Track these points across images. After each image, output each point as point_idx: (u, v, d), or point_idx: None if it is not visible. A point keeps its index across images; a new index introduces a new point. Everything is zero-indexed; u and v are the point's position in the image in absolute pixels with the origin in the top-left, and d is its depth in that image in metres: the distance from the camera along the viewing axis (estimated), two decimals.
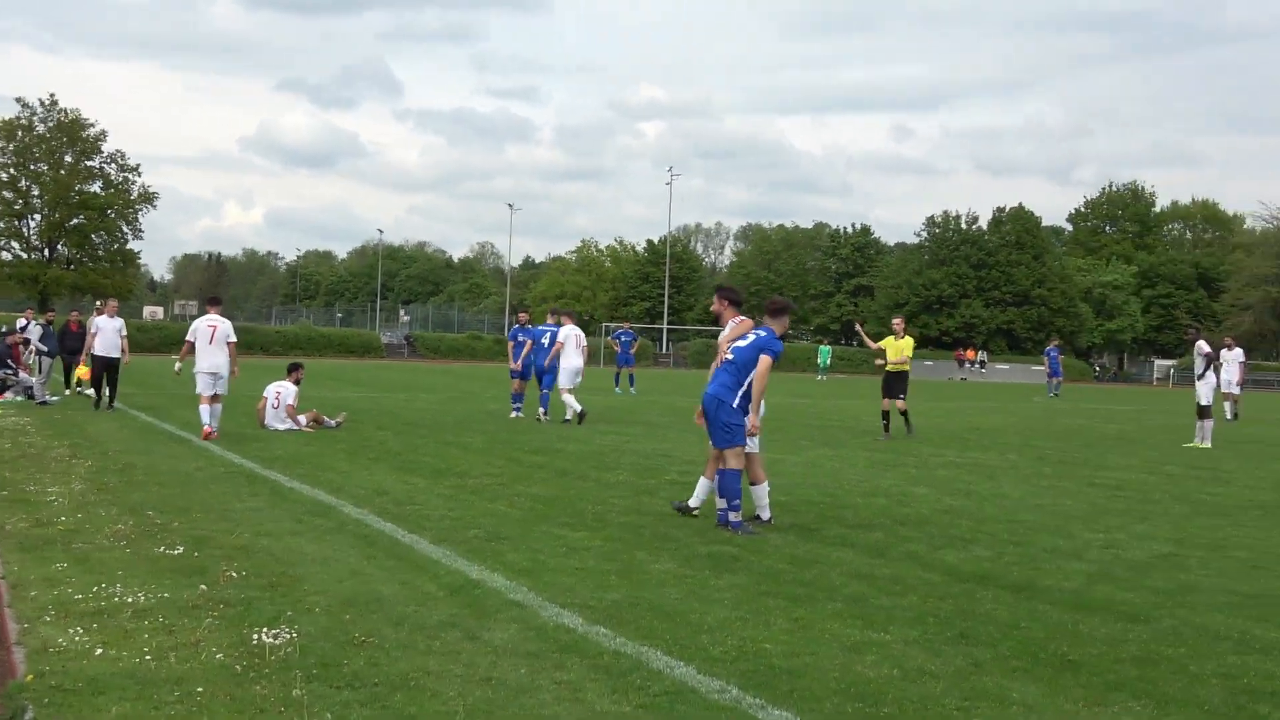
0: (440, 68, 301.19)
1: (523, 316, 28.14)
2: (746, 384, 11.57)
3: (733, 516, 11.37)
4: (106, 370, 24.64)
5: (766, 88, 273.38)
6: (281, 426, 20.61)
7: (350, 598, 8.10)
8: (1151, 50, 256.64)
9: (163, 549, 9.64)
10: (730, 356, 11.69)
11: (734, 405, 11.52)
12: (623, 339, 40.60)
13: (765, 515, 11.89)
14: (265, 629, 7.17)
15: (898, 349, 24.29)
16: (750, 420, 11.50)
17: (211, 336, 19.52)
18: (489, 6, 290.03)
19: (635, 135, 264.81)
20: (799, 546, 10.62)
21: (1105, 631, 7.91)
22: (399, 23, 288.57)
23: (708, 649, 7.06)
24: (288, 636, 7.05)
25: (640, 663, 6.75)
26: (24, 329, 28.25)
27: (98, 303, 27.79)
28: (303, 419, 20.87)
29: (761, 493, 11.93)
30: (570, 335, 24.84)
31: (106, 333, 24.68)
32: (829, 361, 76.15)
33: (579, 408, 24.42)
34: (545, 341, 24.98)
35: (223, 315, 20.02)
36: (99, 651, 6.72)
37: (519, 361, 25.82)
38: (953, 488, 15.48)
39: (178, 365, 20.53)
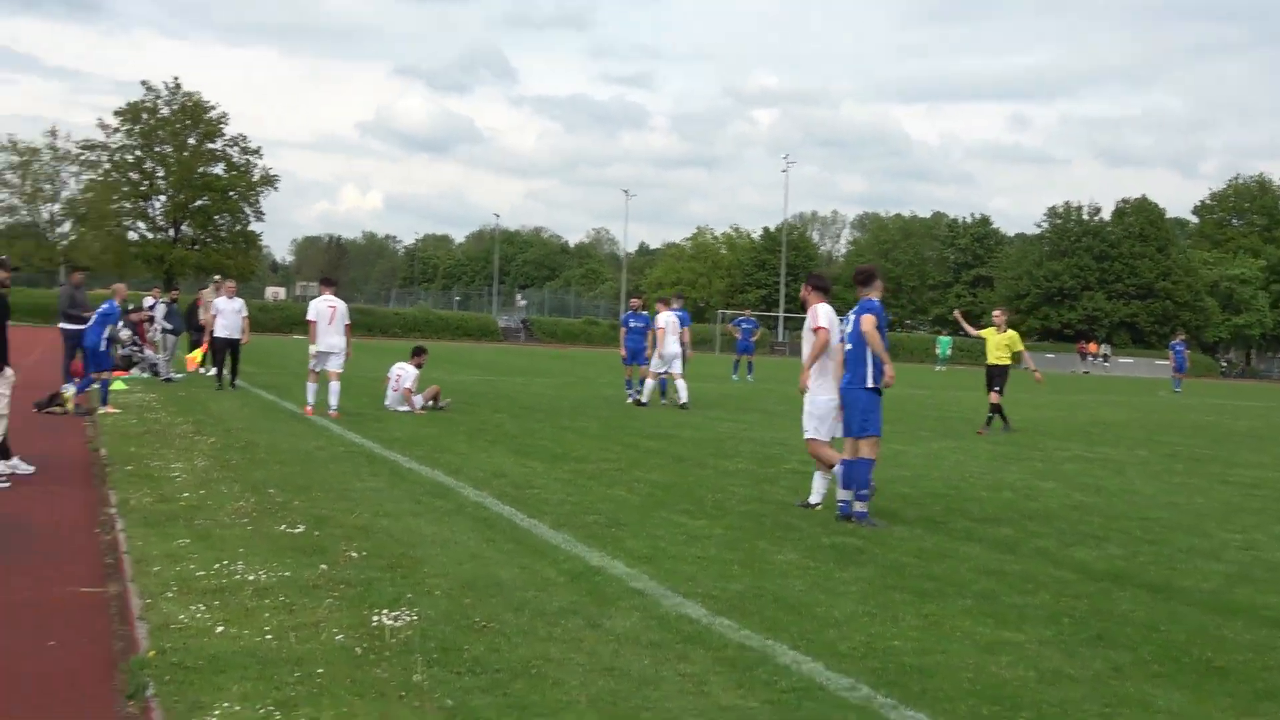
0: (556, 54, 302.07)
1: (635, 302, 28.01)
2: (871, 359, 11.29)
3: (859, 507, 11.13)
4: (228, 350, 24.85)
5: (883, 76, 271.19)
6: (399, 408, 20.66)
7: (470, 581, 8.02)
8: (1278, 39, 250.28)
9: (284, 527, 9.64)
10: (848, 346, 11.47)
11: (868, 387, 11.27)
12: (744, 326, 40.29)
13: (814, 500, 11.86)
14: (385, 611, 7.10)
15: (997, 342, 23.40)
16: (886, 372, 11.25)
17: (331, 317, 19.88)
18: None
19: (750, 122, 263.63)
20: (925, 540, 10.37)
21: (1250, 637, 7.60)
22: (515, 9, 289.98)
23: (835, 644, 6.87)
24: (408, 619, 6.97)
25: (766, 656, 6.57)
26: (150, 307, 28.64)
27: (215, 277, 28.00)
28: (418, 400, 20.88)
29: (823, 481, 11.88)
30: (670, 321, 24.99)
31: (226, 314, 24.96)
32: (948, 352, 75.15)
33: (648, 396, 25.06)
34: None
35: (338, 296, 20.43)
36: (220, 629, 6.68)
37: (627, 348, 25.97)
38: (1080, 483, 15.10)
39: (313, 348, 20.01)
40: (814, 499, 11.91)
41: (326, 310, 19.91)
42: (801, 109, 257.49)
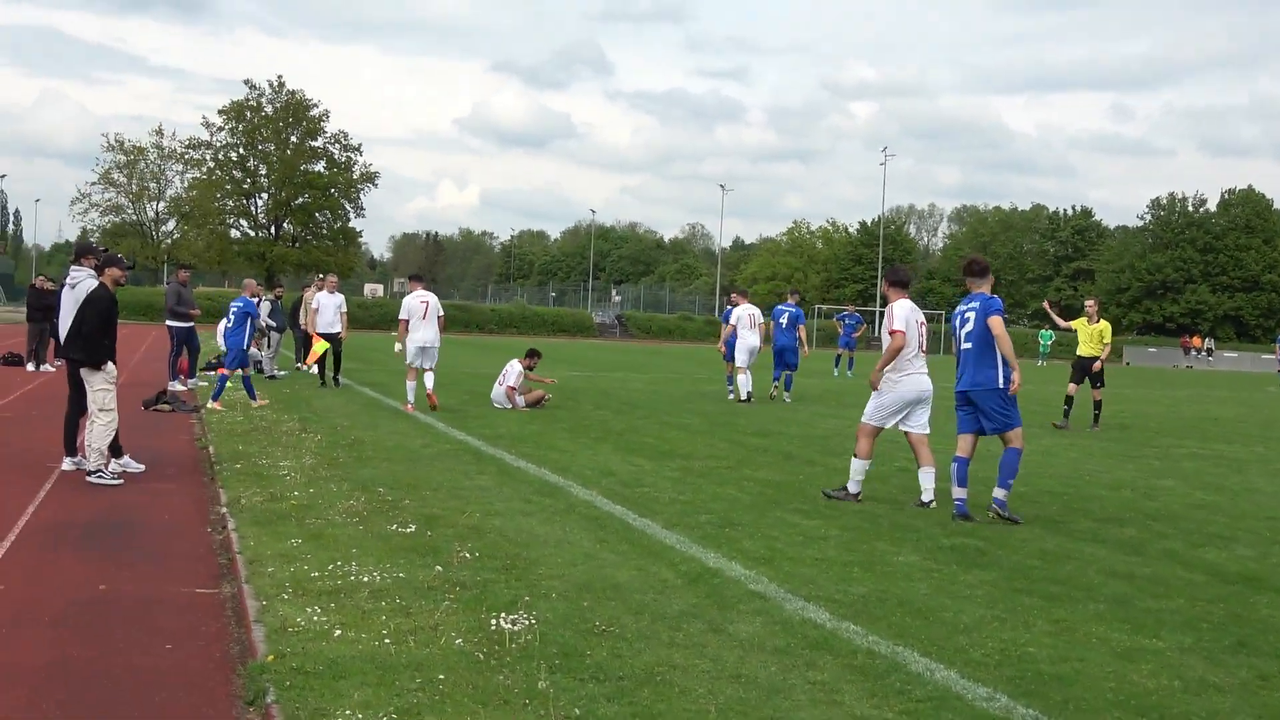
0: (652, 48, 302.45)
1: (736, 297, 27.78)
2: (998, 357, 11.17)
3: (1000, 494, 11.01)
4: (330, 346, 24.78)
5: (980, 66, 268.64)
6: (503, 405, 20.61)
7: (586, 583, 7.88)
8: None
9: (395, 527, 9.56)
10: (967, 345, 11.29)
11: (999, 386, 11.18)
12: (846, 322, 39.97)
13: (927, 498, 11.71)
14: (503, 614, 6.97)
15: (1089, 333, 22.56)
16: (1014, 379, 11.12)
17: (425, 312, 20.13)
18: None
19: (846, 115, 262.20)
20: (1047, 541, 10.09)
21: None
22: (611, 3, 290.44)
23: (967, 651, 6.64)
24: (527, 623, 6.83)
25: (897, 664, 6.36)
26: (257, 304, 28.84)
27: (320, 275, 28.07)
28: (520, 400, 20.79)
29: (928, 476, 11.75)
30: (743, 315, 24.81)
31: (327, 309, 25.06)
32: (1049, 347, 74.09)
33: (747, 390, 24.42)
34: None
35: (429, 290, 20.81)
36: (338, 633, 6.59)
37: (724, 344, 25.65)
38: (1201, 481, 14.69)
39: (399, 346, 20.52)
40: (926, 497, 11.74)
41: (420, 305, 20.18)
42: (898, 101, 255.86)
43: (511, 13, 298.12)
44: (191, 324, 24.08)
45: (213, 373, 26.92)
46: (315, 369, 25.52)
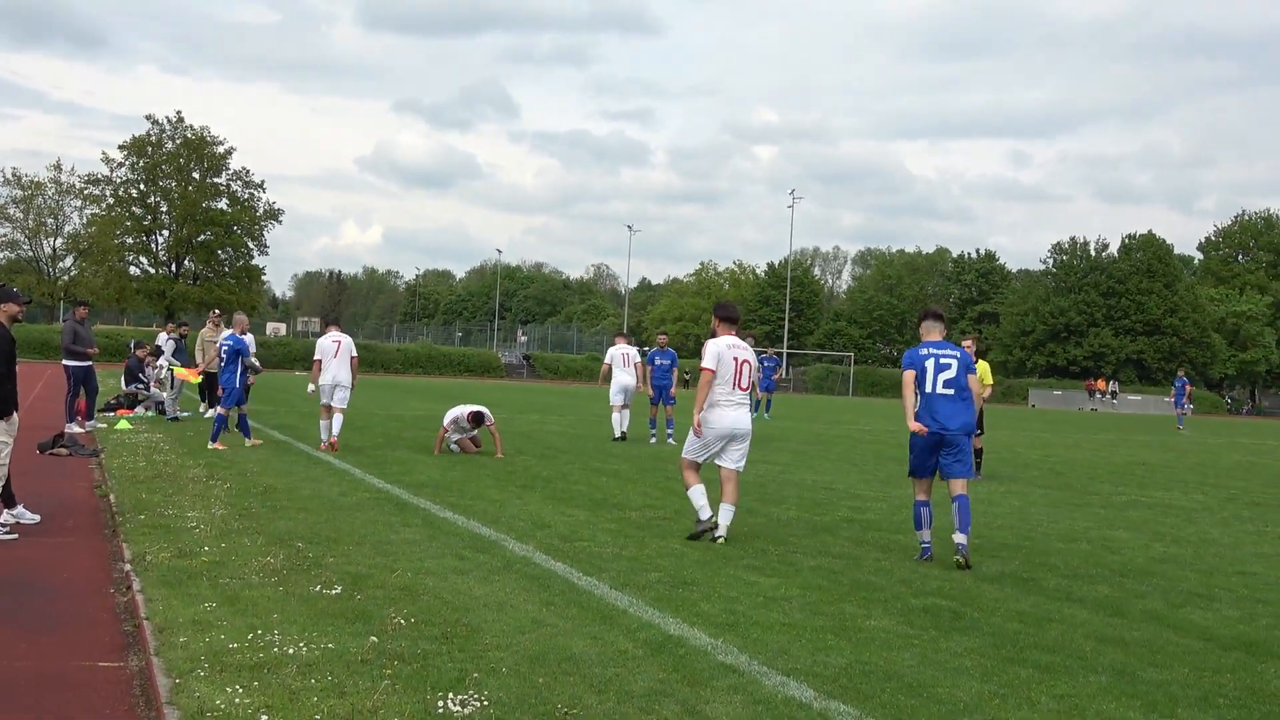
0: (556, 90, 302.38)
1: (662, 339, 27.17)
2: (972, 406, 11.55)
3: (962, 538, 11.08)
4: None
5: (883, 111, 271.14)
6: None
7: (538, 655, 7.09)
8: (1276, 76, 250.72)
9: (319, 588, 8.71)
10: (948, 391, 11.32)
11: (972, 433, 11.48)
12: (765, 364, 39.45)
13: (720, 534, 11.77)
14: (450, 694, 6.18)
15: None
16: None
17: (336, 351, 20.50)
18: (605, 29, 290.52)
19: (750, 158, 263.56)
20: (1021, 601, 9.43)
21: None
22: (516, 45, 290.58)
23: None
24: (478, 704, 6.05)
25: None
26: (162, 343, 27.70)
27: (215, 311, 26.84)
28: (454, 439, 20.15)
29: (728, 514, 11.89)
30: (617, 355, 25.70)
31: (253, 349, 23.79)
32: None
33: (621, 429, 25.38)
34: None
35: (342, 332, 21.03)
36: (264, 718, 5.76)
37: (650, 385, 25.24)
38: (1155, 532, 14.17)
39: (311, 387, 20.83)
40: (719, 532, 11.81)
41: (331, 345, 20.58)
42: (801, 145, 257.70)
43: (415, 53, 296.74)
44: (89, 363, 22.98)
45: (112, 414, 25.84)
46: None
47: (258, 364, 25.32)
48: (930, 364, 11.34)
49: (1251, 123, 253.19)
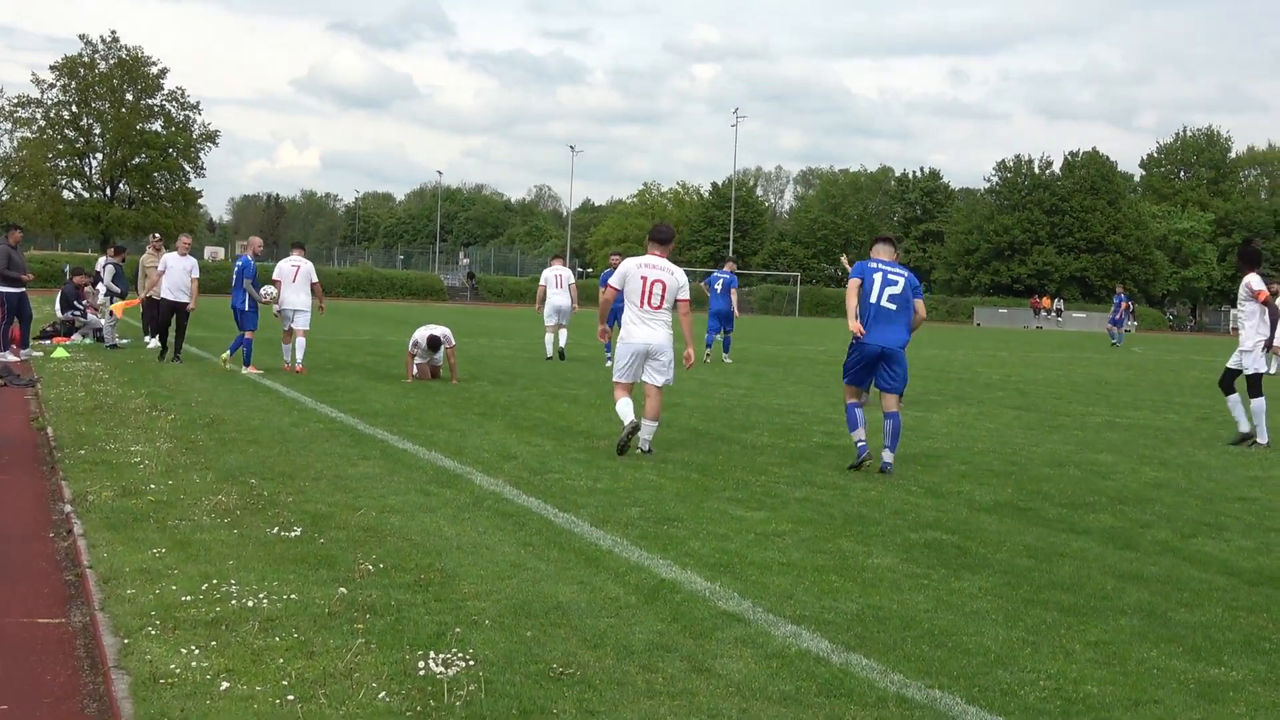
0: (494, 8, 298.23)
1: (616, 259, 26.44)
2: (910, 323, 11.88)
3: (890, 456, 11.56)
4: (175, 316, 21.98)
5: (824, 30, 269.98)
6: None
7: (522, 604, 6.48)
8: None
9: (277, 530, 8.05)
10: (891, 306, 11.54)
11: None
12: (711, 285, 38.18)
13: (645, 448, 12.13)
14: (431, 652, 5.55)
15: None
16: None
17: (295, 275, 20.47)
18: None
19: (689, 78, 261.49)
20: (1025, 534, 8.89)
21: None
22: None
23: (1018, 693, 5.36)
24: (463, 664, 5.43)
25: (942, 714, 5.09)
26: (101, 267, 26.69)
27: (154, 235, 25.69)
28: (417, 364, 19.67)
29: (649, 429, 12.21)
30: (550, 276, 25.95)
31: (175, 272, 22.04)
32: None
33: (554, 348, 25.78)
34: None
35: (305, 257, 21.03)
36: (225, 685, 5.13)
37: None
38: (1139, 455, 13.68)
39: (276, 308, 20.70)
40: (643, 446, 12.19)
41: (290, 269, 20.54)
42: (742, 64, 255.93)
43: None
44: (23, 289, 22.09)
45: (48, 342, 24.96)
46: (156, 340, 23.47)
47: (115, 288, 24.58)
48: (878, 277, 11.59)
49: (1191, 39, 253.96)
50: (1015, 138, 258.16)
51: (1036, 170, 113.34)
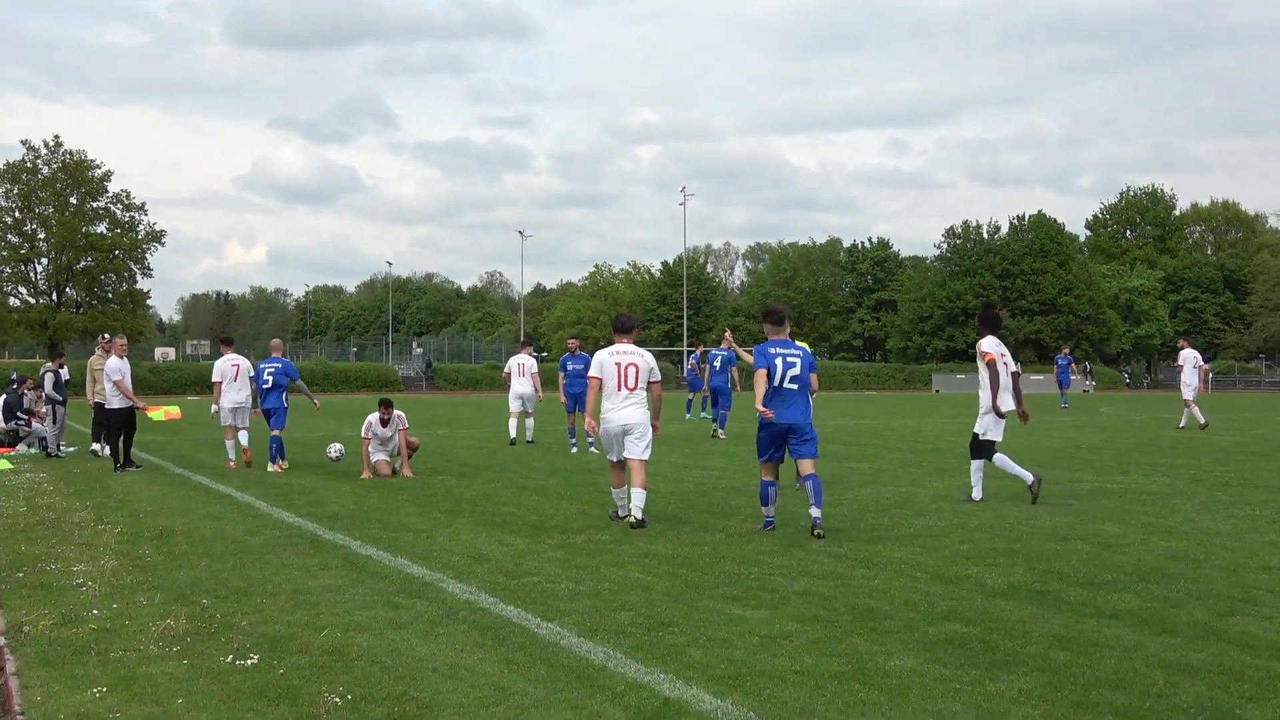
0: (434, 99, 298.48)
1: (572, 343, 25.81)
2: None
3: (818, 513, 12.28)
4: (126, 424, 20.77)
5: (762, 108, 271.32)
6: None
7: None
8: (1146, 57, 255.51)
9: (231, 658, 7.26)
10: (793, 386, 12.54)
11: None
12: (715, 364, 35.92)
13: (638, 515, 12.88)
14: None
15: None
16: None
17: (236, 374, 20.86)
18: (481, 36, 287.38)
19: (633, 159, 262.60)
20: (1050, 621, 8.15)
21: None
22: (390, 55, 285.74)
23: None
24: None
25: None
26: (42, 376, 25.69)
27: (104, 338, 24.68)
28: (381, 455, 19.10)
29: (639, 496, 12.99)
30: (514, 364, 26.68)
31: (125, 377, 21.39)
32: None
33: (513, 435, 26.16)
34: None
35: (237, 353, 21.42)
36: None
37: (564, 393, 24.75)
38: (1143, 523, 12.98)
39: (215, 408, 21.06)
40: (636, 514, 12.95)
41: (231, 369, 20.87)
42: (683, 144, 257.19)
43: (287, 68, 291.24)
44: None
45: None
46: (106, 451, 22.54)
47: (56, 396, 23.87)
48: (779, 363, 12.53)
49: (1124, 103, 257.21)
50: (958, 205, 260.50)
51: (985, 235, 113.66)
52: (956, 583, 9.52)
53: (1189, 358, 32.85)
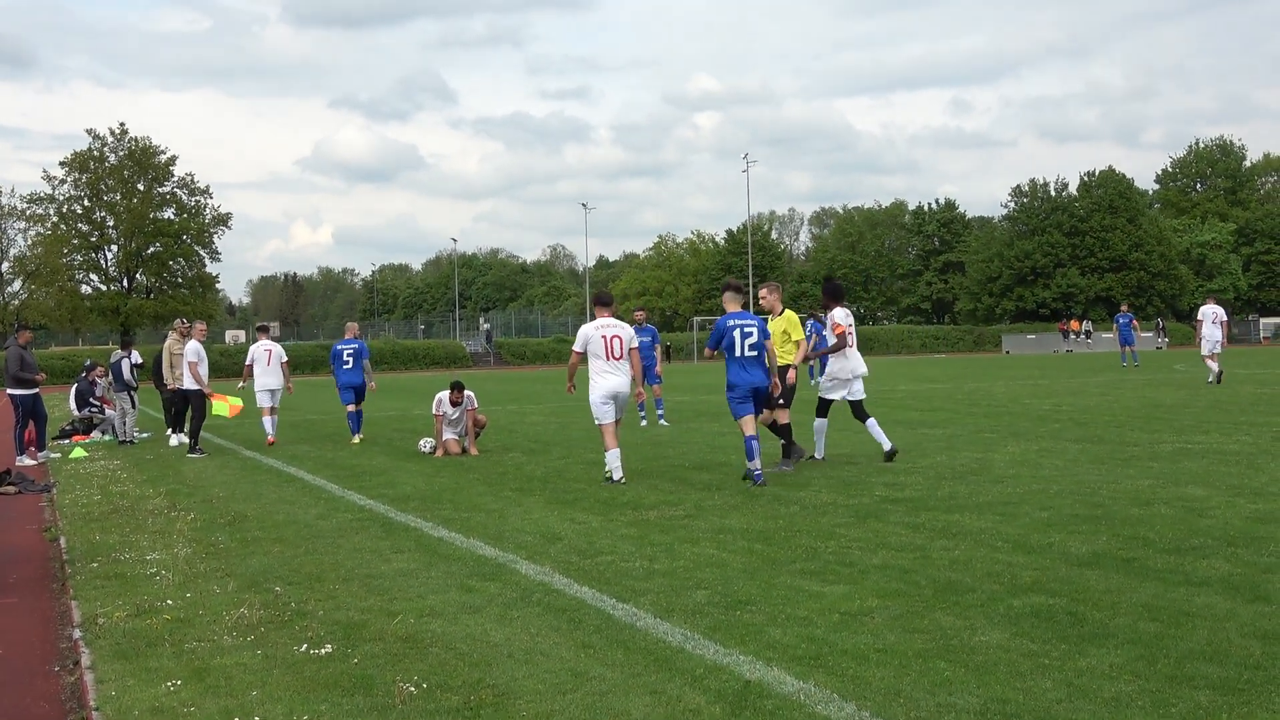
0: (493, 73, 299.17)
1: (640, 315, 25.61)
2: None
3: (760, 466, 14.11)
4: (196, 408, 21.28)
5: (823, 70, 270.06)
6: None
7: None
8: (1212, 3, 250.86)
9: (305, 647, 7.18)
10: (753, 354, 14.25)
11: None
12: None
13: (617, 476, 14.54)
14: None
15: (774, 331, 15.64)
16: (774, 381, 14.65)
17: (269, 359, 22.39)
18: (537, 8, 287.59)
19: (693, 128, 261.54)
20: (1138, 590, 7.91)
21: None
22: (448, 30, 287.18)
23: None
24: None
25: None
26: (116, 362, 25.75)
27: (177, 321, 24.84)
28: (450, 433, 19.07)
29: (614, 456, 14.69)
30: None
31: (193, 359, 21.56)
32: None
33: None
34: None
35: (275, 340, 23.22)
36: None
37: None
38: (1227, 485, 12.64)
39: (240, 384, 23.56)
40: (615, 474, 14.60)
41: (264, 354, 22.44)
42: (744, 110, 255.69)
43: (345, 47, 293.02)
44: (36, 390, 21.35)
45: (66, 441, 24.23)
46: (183, 437, 22.73)
47: (131, 383, 24.06)
48: (738, 334, 14.21)
49: (1190, 52, 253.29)
50: (1023, 163, 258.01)
51: (1053, 193, 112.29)
52: (1039, 552, 9.30)
53: (1208, 313, 33.10)
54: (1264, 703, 5.60)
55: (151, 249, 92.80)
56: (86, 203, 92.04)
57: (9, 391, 21.42)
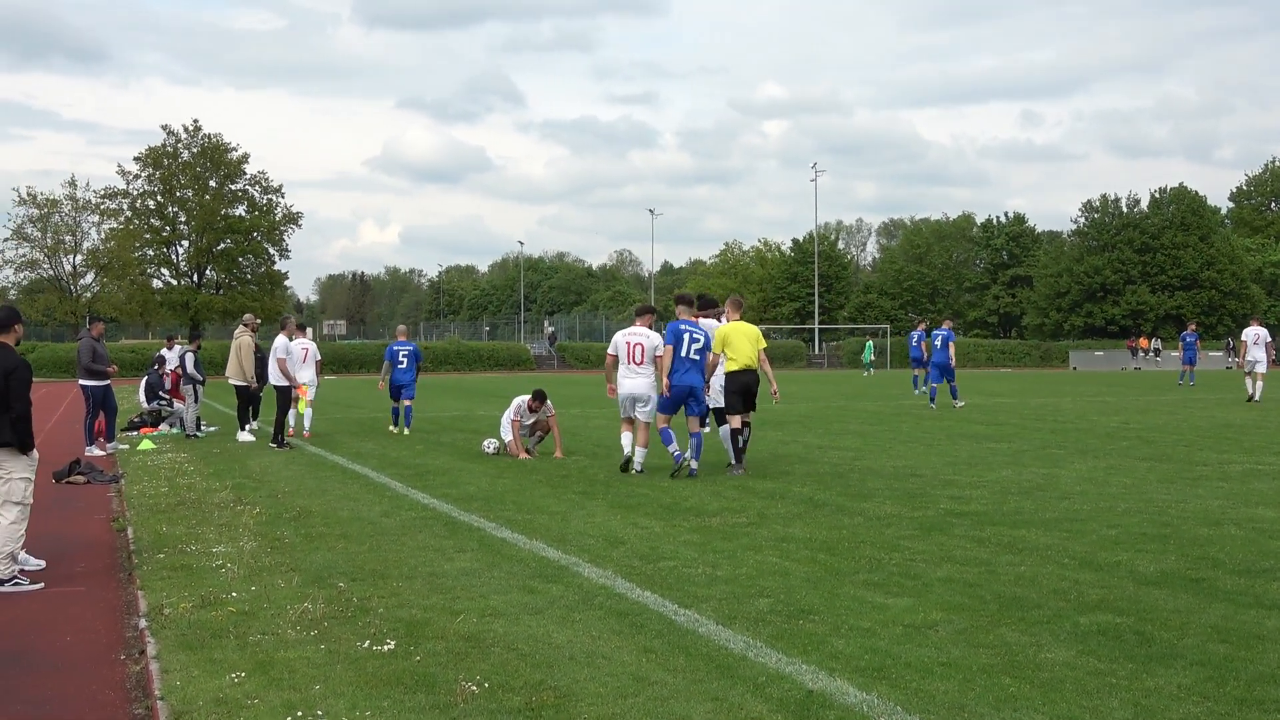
0: (561, 77, 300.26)
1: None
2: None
3: (696, 464, 15.85)
4: (256, 401, 24.01)
5: (891, 81, 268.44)
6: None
7: None
8: None
9: (368, 643, 7.22)
10: (695, 358, 15.85)
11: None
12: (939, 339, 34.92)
13: (638, 468, 16.29)
14: None
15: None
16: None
17: (305, 356, 23.30)
18: (606, 13, 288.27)
19: (760, 135, 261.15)
20: (1207, 612, 7.81)
21: None
22: (516, 34, 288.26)
23: None
24: None
25: None
26: (181, 356, 25.93)
27: (246, 317, 25.22)
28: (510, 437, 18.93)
29: (641, 454, 16.41)
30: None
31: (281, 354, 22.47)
32: (873, 356, 73.13)
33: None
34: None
35: (311, 339, 24.72)
36: None
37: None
38: None
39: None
40: (637, 466, 16.32)
41: (300, 351, 23.15)
42: (811, 118, 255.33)
43: (414, 49, 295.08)
44: (108, 382, 21.60)
45: (135, 433, 24.47)
46: (247, 435, 23.17)
47: (197, 376, 24.34)
48: (686, 338, 15.78)
49: (1265, 69, 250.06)
50: (1091, 178, 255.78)
51: (1124, 209, 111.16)
52: (1106, 570, 9.21)
53: (1250, 335, 33.56)
54: None
55: (222, 245, 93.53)
56: (159, 198, 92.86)
57: (80, 383, 21.70)
